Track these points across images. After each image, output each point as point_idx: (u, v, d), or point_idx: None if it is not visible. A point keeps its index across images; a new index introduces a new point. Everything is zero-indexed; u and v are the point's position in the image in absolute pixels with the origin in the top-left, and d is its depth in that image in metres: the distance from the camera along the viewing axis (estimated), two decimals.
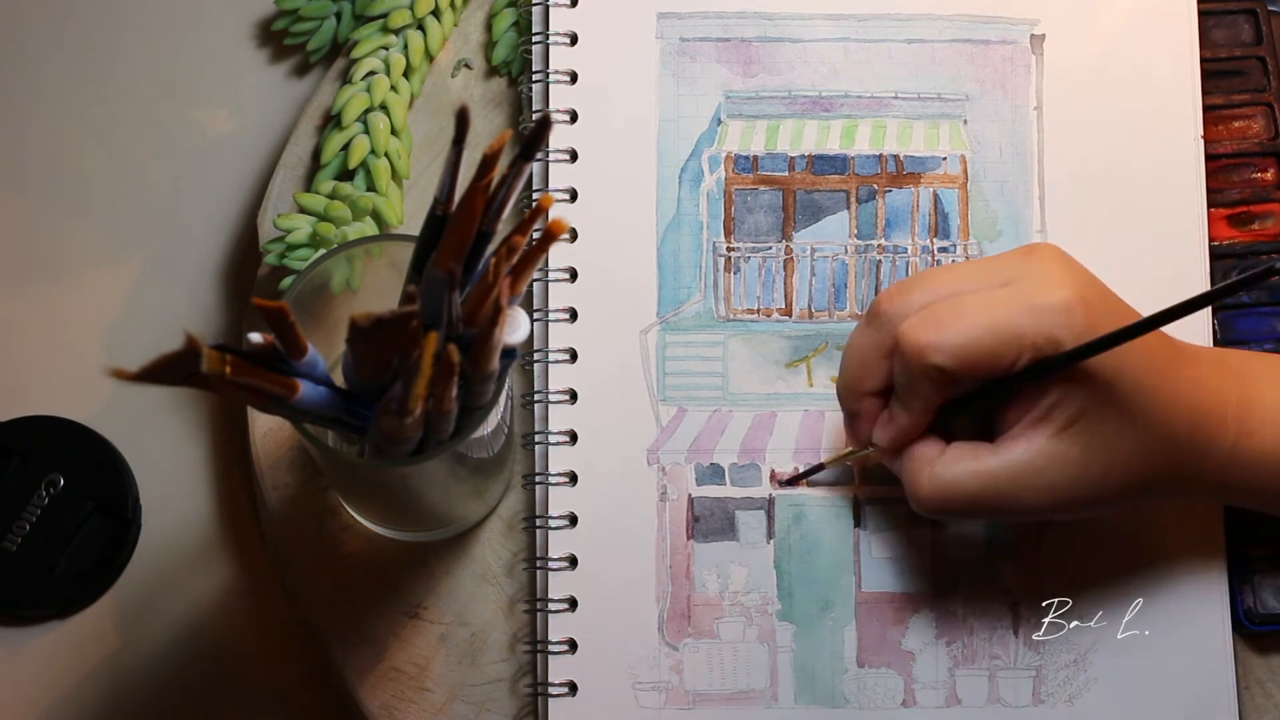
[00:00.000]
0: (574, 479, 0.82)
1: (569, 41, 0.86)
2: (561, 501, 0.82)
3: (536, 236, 0.68)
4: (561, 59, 0.86)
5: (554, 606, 0.81)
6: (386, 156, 0.87)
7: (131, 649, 0.85)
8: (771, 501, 0.82)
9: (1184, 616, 0.81)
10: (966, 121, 0.86)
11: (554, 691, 0.81)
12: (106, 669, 0.85)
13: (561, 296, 0.84)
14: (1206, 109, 0.86)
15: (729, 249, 0.85)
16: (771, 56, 0.86)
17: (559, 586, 0.82)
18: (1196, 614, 0.81)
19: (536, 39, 0.86)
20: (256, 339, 0.68)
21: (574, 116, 0.85)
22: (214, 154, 0.91)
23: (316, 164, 0.88)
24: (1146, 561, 0.82)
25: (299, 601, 0.84)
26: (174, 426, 0.88)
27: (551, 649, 0.81)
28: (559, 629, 0.81)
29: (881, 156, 0.85)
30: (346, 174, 0.87)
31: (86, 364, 0.89)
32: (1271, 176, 0.86)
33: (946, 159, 0.85)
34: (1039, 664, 0.81)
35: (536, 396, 0.83)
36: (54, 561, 0.85)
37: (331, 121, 0.87)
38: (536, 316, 0.84)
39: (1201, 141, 0.85)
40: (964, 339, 0.73)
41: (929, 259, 0.84)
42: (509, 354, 0.71)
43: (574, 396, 0.83)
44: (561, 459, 0.83)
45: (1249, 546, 0.82)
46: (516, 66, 0.89)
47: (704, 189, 0.85)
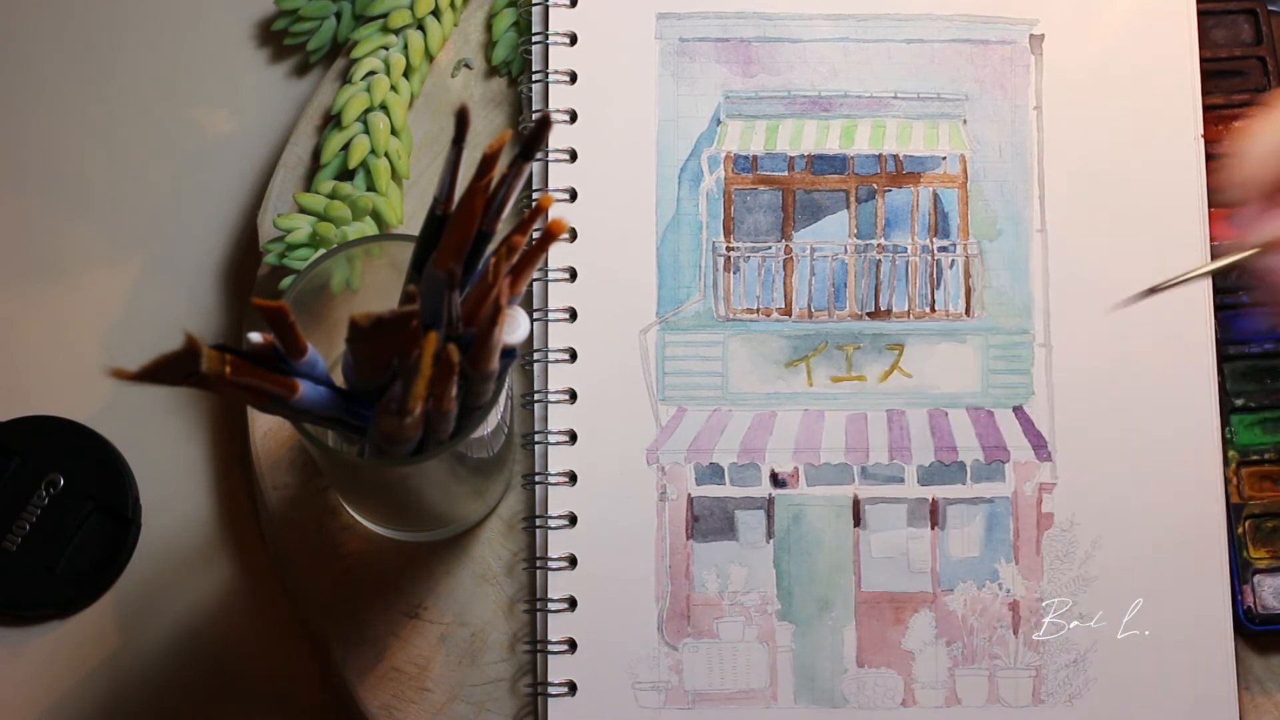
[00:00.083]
0: (574, 479, 0.82)
1: (569, 41, 0.86)
2: (561, 501, 0.82)
3: (536, 236, 0.68)
4: (561, 59, 0.86)
5: (554, 606, 0.81)
6: (386, 156, 0.87)
7: (131, 649, 0.85)
8: (771, 501, 0.82)
9: (1184, 616, 0.81)
10: (966, 121, 0.86)
11: (554, 691, 0.81)
12: (106, 669, 0.85)
13: (561, 296, 0.84)
14: (1206, 109, 0.86)
15: (728, 249, 0.85)
16: (771, 56, 0.86)
17: (559, 586, 0.82)
18: (1196, 614, 0.81)
19: (536, 39, 0.86)
20: (256, 339, 0.68)
21: (574, 116, 0.85)
22: (214, 154, 0.91)
23: (316, 164, 0.88)
24: (1146, 561, 0.82)
25: (299, 601, 0.84)
26: (174, 426, 0.88)
27: (551, 649, 0.81)
28: (559, 629, 0.81)
29: (881, 156, 0.85)
30: (346, 174, 0.87)
31: (86, 364, 0.89)
32: None
33: (946, 158, 0.85)
34: (1039, 664, 0.81)
35: (536, 396, 0.83)
36: (54, 561, 0.85)
37: (331, 121, 0.87)
38: (536, 316, 0.84)
39: (1201, 141, 0.85)
40: None
41: (929, 258, 0.84)
42: (509, 354, 0.71)
43: (574, 396, 0.83)
44: (561, 459, 0.83)
45: (1249, 546, 0.82)
46: (516, 66, 0.89)
47: (703, 189, 0.85)
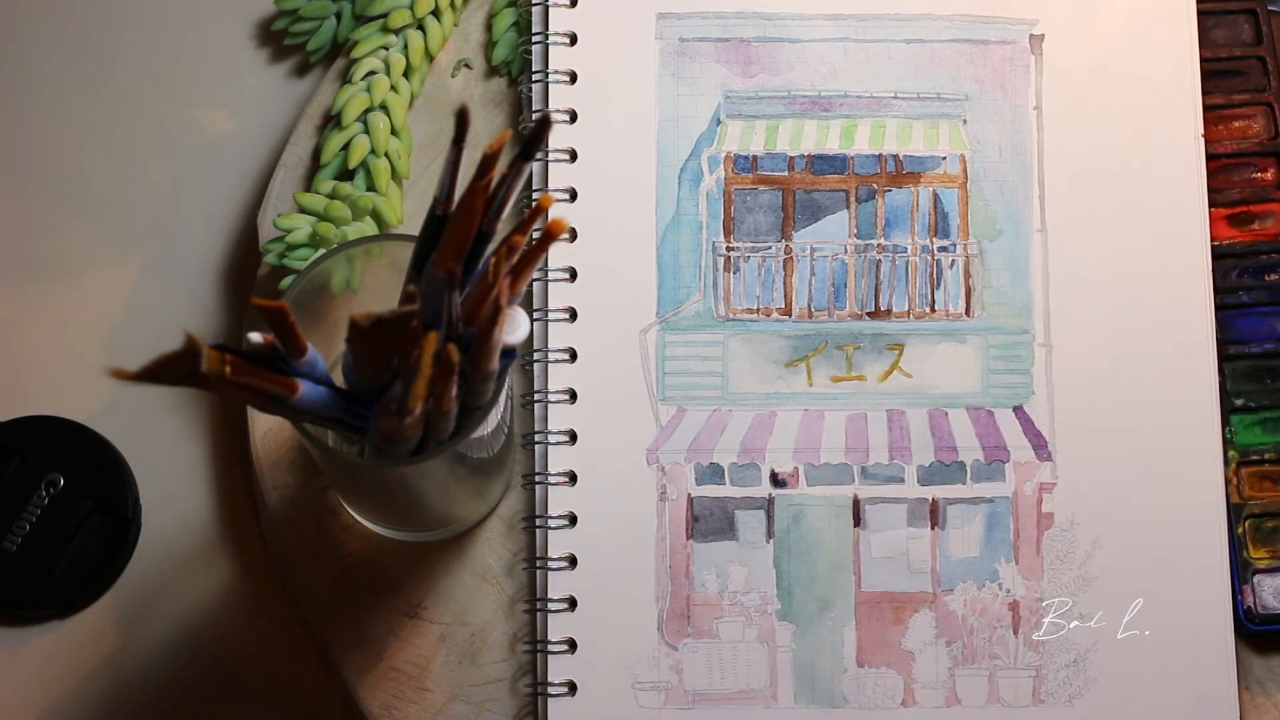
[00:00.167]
0: (574, 479, 0.82)
1: (569, 41, 0.86)
2: (561, 501, 0.82)
3: (536, 236, 0.68)
4: (561, 59, 0.86)
5: (554, 606, 0.81)
6: (386, 156, 0.87)
7: (131, 649, 0.85)
8: (771, 501, 0.82)
9: (1184, 616, 0.81)
10: (966, 121, 0.86)
11: (554, 691, 0.81)
12: (106, 669, 0.85)
13: (561, 296, 0.84)
14: (1206, 109, 0.86)
15: (728, 249, 0.85)
16: (771, 56, 0.86)
17: (559, 586, 0.82)
18: (1196, 614, 0.81)
19: (536, 39, 0.86)
20: (256, 339, 0.68)
21: (574, 116, 0.85)
22: (214, 154, 0.91)
23: (316, 164, 0.88)
24: (1146, 561, 0.82)
25: (299, 601, 0.84)
26: (174, 426, 0.88)
27: (551, 649, 0.81)
28: (559, 629, 0.81)
29: (881, 156, 0.85)
30: (346, 174, 0.87)
31: (86, 364, 0.89)
32: (1271, 176, 0.86)
33: (946, 158, 0.85)
34: (1039, 664, 0.81)
35: (536, 396, 0.83)
36: (54, 561, 0.85)
37: (331, 121, 0.87)
38: (536, 316, 0.84)
39: (1201, 141, 0.85)
40: None
41: (929, 258, 0.84)
42: (509, 354, 0.71)
43: (574, 396, 0.83)
44: (561, 459, 0.83)
45: (1249, 546, 0.82)
46: (516, 66, 0.89)
47: (703, 189, 0.85)
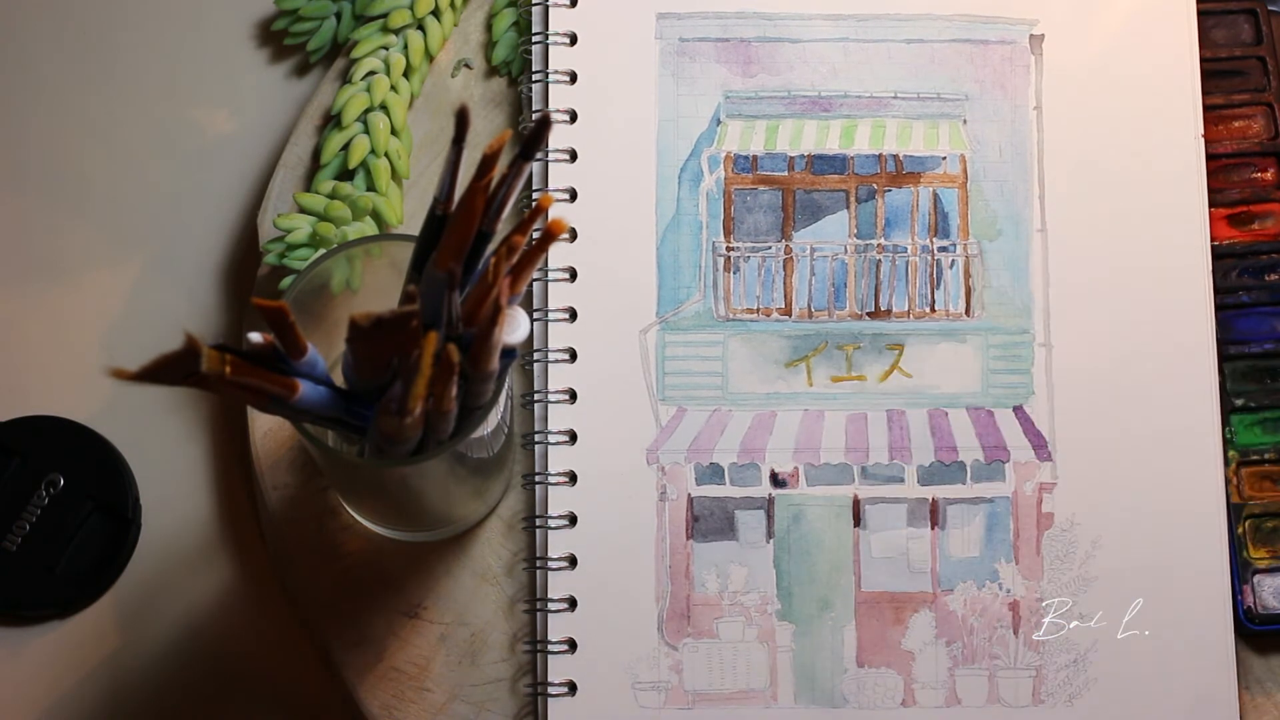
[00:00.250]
0: (574, 479, 0.82)
1: (569, 41, 0.86)
2: (561, 501, 0.82)
3: (536, 236, 0.68)
4: (561, 59, 0.86)
5: (554, 606, 0.81)
6: (386, 156, 0.87)
7: (131, 649, 0.85)
8: (771, 501, 0.82)
9: (1184, 616, 0.81)
10: (966, 121, 0.86)
11: (554, 691, 0.81)
12: (106, 669, 0.85)
13: (561, 296, 0.84)
14: (1206, 109, 0.86)
15: (728, 249, 0.85)
16: (771, 56, 0.86)
17: (559, 586, 0.82)
18: (1196, 614, 0.81)
19: (536, 39, 0.86)
20: (256, 339, 0.68)
21: (574, 116, 0.85)
22: (214, 154, 0.91)
23: (316, 164, 0.88)
24: (1146, 561, 0.82)
25: (299, 601, 0.84)
26: (174, 426, 0.88)
27: (551, 649, 0.81)
28: (559, 629, 0.81)
29: (881, 156, 0.85)
30: (346, 174, 0.87)
31: (86, 364, 0.89)
32: (1271, 176, 0.86)
33: (946, 158, 0.85)
34: (1039, 664, 0.81)
35: (536, 396, 0.83)
36: (54, 561, 0.85)
37: (331, 121, 0.87)
38: (536, 316, 0.84)
39: (1201, 141, 0.85)
40: None
41: (929, 258, 0.84)
42: (509, 354, 0.71)
43: (574, 396, 0.83)
44: (561, 459, 0.83)
45: (1249, 546, 0.82)
46: (516, 66, 0.89)
47: (703, 189, 0.85)
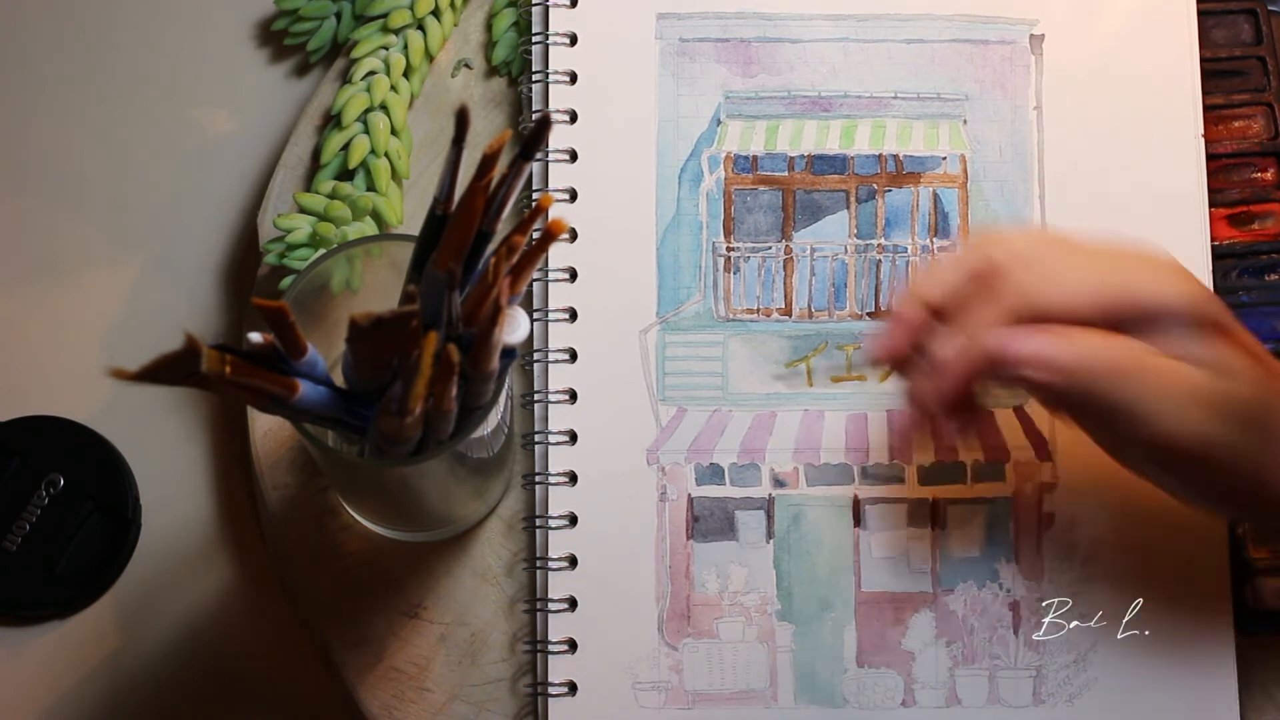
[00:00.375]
0: (574, 479, 0.82)
1: (569, 42, 0.86)
2: (561, 501, 0.82)
3: (536, 236, 0.68)
4: (561, 59, 0.86)
5: (554, 606, 0.81)
6: (386, 156, 0.87)
7: (131, 649, 0.85)
8: (771, 501, 0.82)
9: (1184, 616, 0.81)
10: (966, 121, 0.86)
11: (554, 691, 0.81)
12: (106, 669, 0.85)
13: (561, 296, 0.84)
14: (1206, 109, 0.86)
15: (729, 249, 0.85)
16: (771, 57, 0.86)
17: (559, 586, 0.82)
18: (1196, 614, 0.81)
19: (536, 39, 0.86)
20: (256, 339, 0.68)
21: (574, 116, 0.85)
22: (214, 154, 0.91)
23: (316, 164, 0.88)
24: (1146, 561, 0.82)
25: (299, 601, 0.84)
26: (174, 426, 0.88)
27: (551, 649, 0.81)
28: (559, 629, 0.81)
29: (881, 156, 0.85)
30: (346, 174, 0.87)
31: (86, 364, 0.89)
32: (1271, 176, 0.86)
33: (946, 159, 0.85)
34: (1039, 664, 0.81)
35: (536, 396, 0.83)
36: (54, 561, 0.85)
37: (331, 121, 0.87)
38: (536, 316, 0.84)
39: (1201, 141, 0.85)
40: (1069, 276, 0.72)
41: (929, 259, 0.84)
42: (509, 354, 0.71)
43: (574, 396, 0.83)
44: (561, 459, 0.83)
45: (1249, 547, 0.82)
46: (516, 66, 0.89)
47: (704, 189, 0.85)
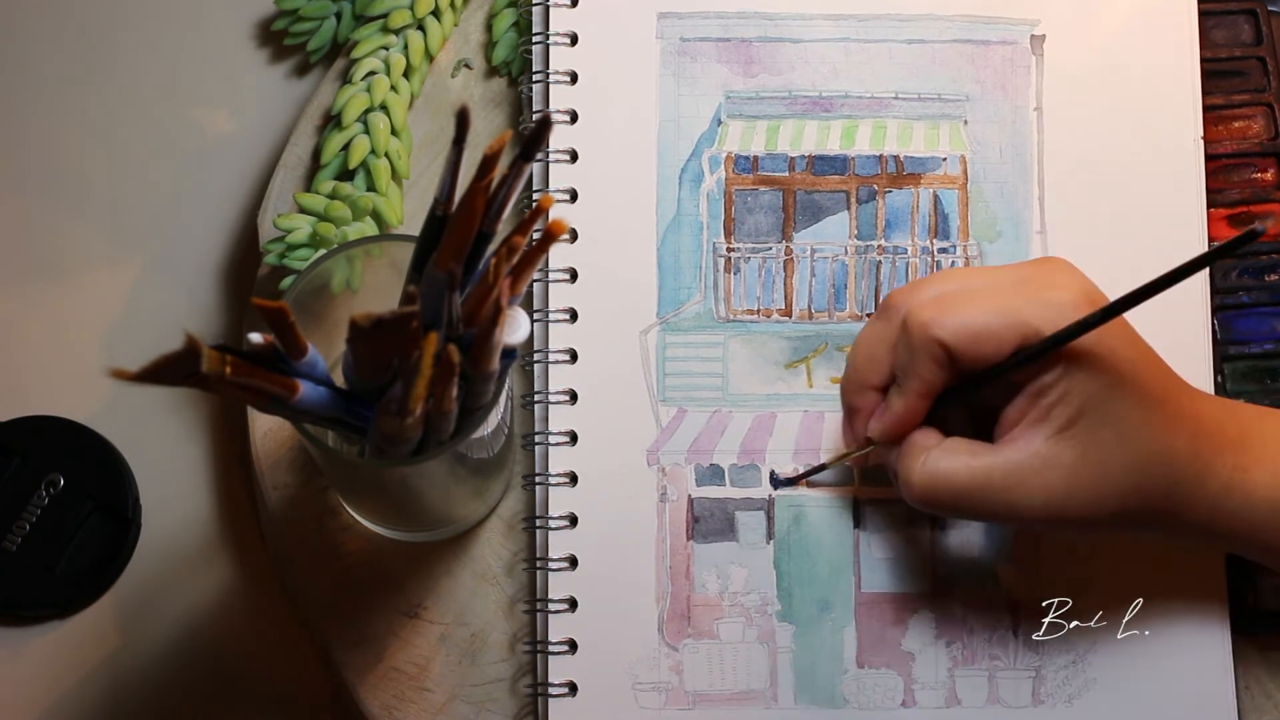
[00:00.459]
0: (574, 479, 0.82)
1: (569, 42, 0.86)
2: (561, 502, 0.82)
3: (536, 237, 0.68)
4: (561, 59, 0.86)
5: (554, 607, 0.81)
6: (386, 156, 0.87)
7: (131, 649, 0.85)
8: (771, 502, 0.82)
9: (1184, 616, 0.81)
10: (967, 122, 0.86)
11: (554, 692, 0.81)
12: (106, 669, 0.85)
13: (561, 297, 0.84)
14: (1206, 109, 0.86)
15: (729, 249, 0.85)
16: (772, 57, 0.86)
17: (559, 587, 0.82)
18: (1196, 614, 0.81)
19: (536, 39, 0.86)
20: (256, 339, 0.68)
21: (574, 117, 0.85)
22: (214, 154, 0.91)
23: (316, 164, 0.88)
24: (1146, 561, 0.82)
25: (299, 601, 0.84)
26: (174, 426, 0.88)
27: (551, 649, 0.81)
28: (559, 629, 0.81)
29: (882, 157, 0.85)
30: (346, 174, 0.87)
31: (86, 364, 0.89)
32: (1271, 176, 0.86)
33: (946, 160, 0.85)
34: (1039, 664, 0.81)
35: (536, 397, 0.83)
36: (54, 561, 0.85)
37: (331, 121, 0.87)
38: (536, 317, 0.84)
39: (1201, 142, 0.85)
40: (970, 318, 0.74)
41: (929, 260, 0.84)
42: (509, 354, 0.71)
43: (574, 397, 0.83)
44: (561, 459, 0.83)
45: None
46: (516, 66, 0.89)
47: (704, 189, 0.85)
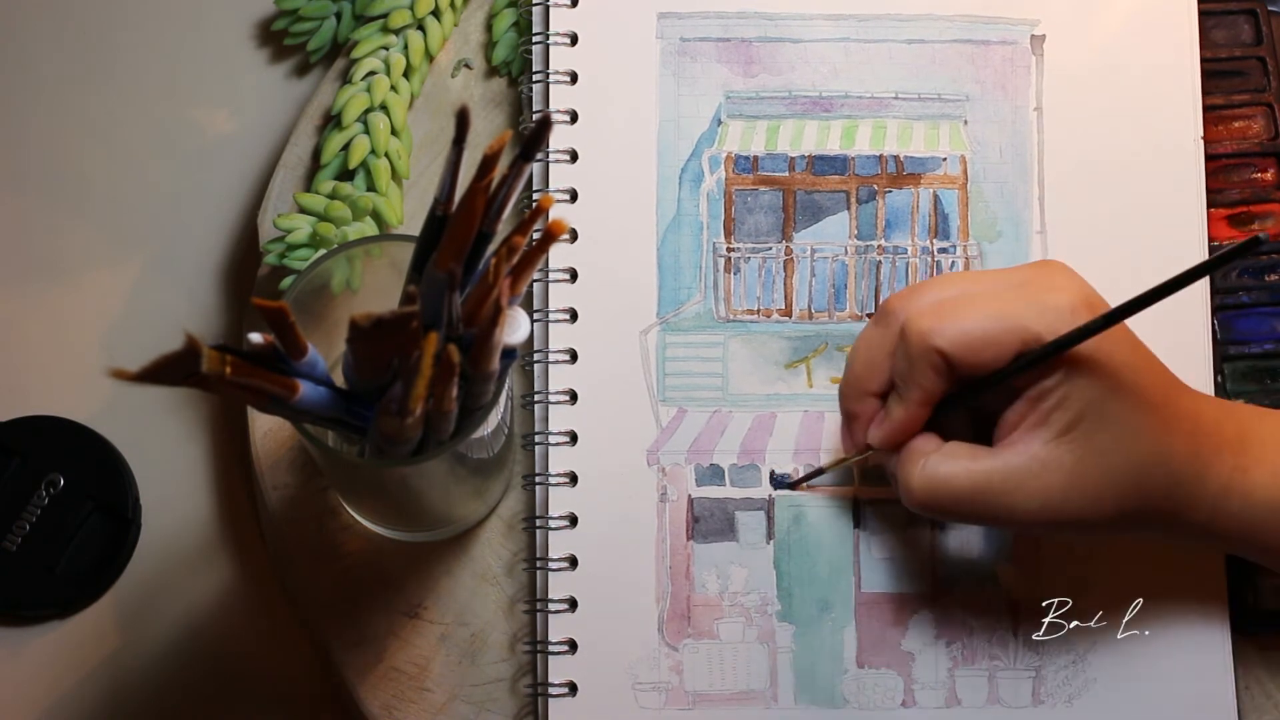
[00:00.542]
0: (574, 479, 0.82)
1: (569, 42, 0.86)
2: (561, 502, 0.82)
3: (536, 237, 0.68)
4: (561, 59, 0.86)
5: (554, 607, 0.81)
6: (386, 156, 0.87)
7: (131, 649, 0.85)
8: (771, 502, 0.82)
9: (1184, 616, 0.81)
10: (967, 122, 0.86)
11: (554, 692, 0.81)
12: (106, 669, 0.85)
13: (561, 297, 0.84)
14: (1206, 109, 0.86)
15: (729, 249, 0.85)
16: (772, 57, 0.86)
17: (559, 587, 0.82)
18: (1196, 614, 0.81)
19: (536, 39, 0.86)
20: (256, 339, 0.68)
21: (574, 117, 0.85)
22: (214, 154, 0.91)
23: (316, 164, 0.88)
24: (1146, 561, 0.82)
25: (299, 601, 0.84)
26: (174, 426, 0.88)
27: (551, 649, 0.81)
28: (559, 629, 0.81)
29: (882, 157, 0.85)
30: (346, 174, 0.87)
31: (86, 364, 0.89)
32: (1271, 176, 0.86)
33: (946, 160, 0.85)
34: (1038, 664, 0.81)
35: (536, 397, 0.83)
36: (54, 561, 0.85)
37: (331, 121, 0.87)
38: (536, 317, 0.84)
39: (1201, 142, 0.85)
40: (969, 325, 0.74)
41: (929, 260, 0.84)
42: (509, 354, 0.71)
43: (574, 397, 0.83)
44: (561, 459, 0.83)
45: None
46: (516, 66, 0.89)
47: (704, 189, 0.85)
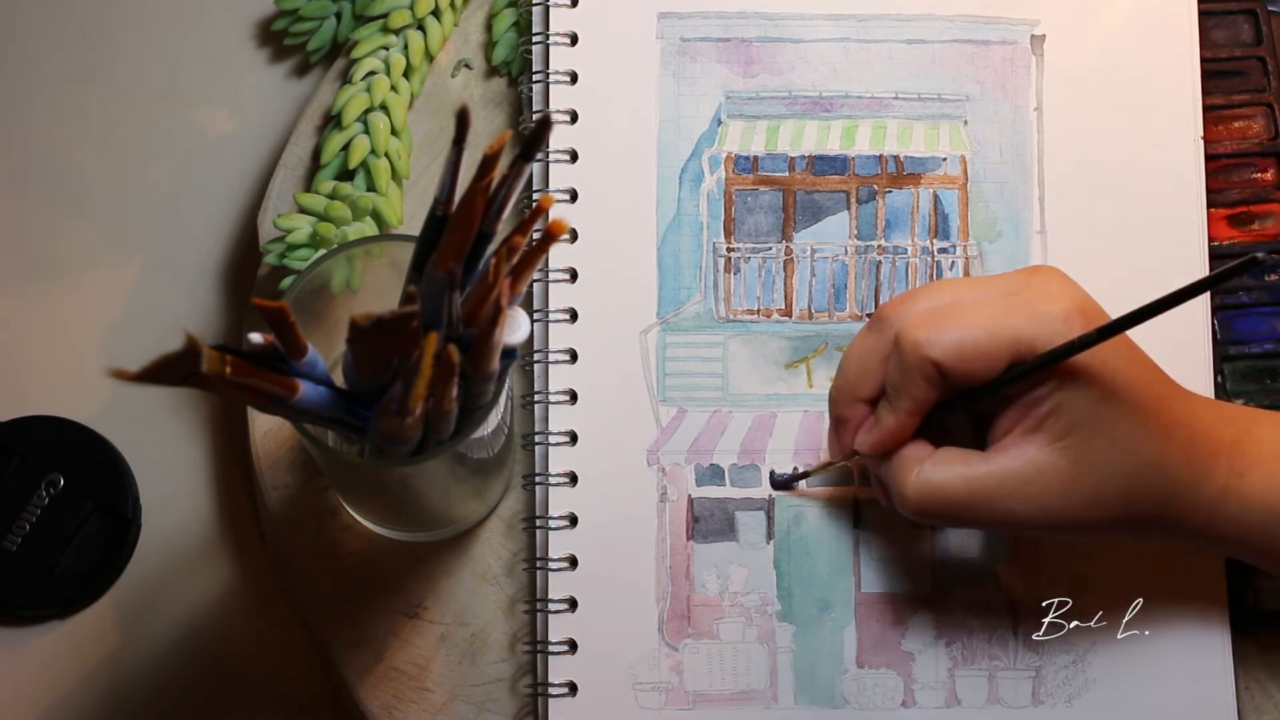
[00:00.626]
0: (574, 479, 0.82)
1: (569, 42, 0.86)
2: (561, 502, 0.82)
3: (536, 237, 0.68)
4: (561, 59, 0.86)
5: (554, 607, 0.81)
6: (386, 156, 0.87)
7: (131, 649, 0.85)
8: (771, 502, 0.82)
9: (1184, 616, 0.81)
10: (967, 122, 0.86)
11: (554, 692, 0.81)
12: (106, 669, 0.85)
13: (561, 297, 0.84)
14: (1206, 109, 0.86)
15: (729, 249, 0.85)
16: (772, 57, 0.86)
17: (559, 587, 0.82)
18: (1196, 614, 0.81)
19: (536, 39, 0.86)
20: (256, 339, 0.68)
21: (574, 117, 0.85)
22: (214, 154, 0.91)
23: (316, 164, 0.88)
24: (1146, 561, 0.82)
25: (299, 601, 0.84)
26: (174, 426, 0.88)
27: (551, 649, 0.81)
28: (559, 629, 0.81)
29: (882, 157, 0.85)
30: (346, 174, 0.87)
31: (86, 364, 0.89)
32: (1271, 176, 0.86)
33: (946, 160, 0.85)
34: (1038, 664, 0.81)
35: (536, 397, 0.83)
36: (54, 561, 0.85)
37: (331, 121, 0.87)
38: (536, 317, 0.84)
39: (1201, 142, 0.85)
40: (962, 335, 0.74)
41: (929, 260, 0.84)
42: (509, 354, 0.71)
43: (574, 397, 0.83)
44: (561, 459, 0.83)
45: None
46: (516, 66, 0.89)
47: (704, 189, 0.85)
